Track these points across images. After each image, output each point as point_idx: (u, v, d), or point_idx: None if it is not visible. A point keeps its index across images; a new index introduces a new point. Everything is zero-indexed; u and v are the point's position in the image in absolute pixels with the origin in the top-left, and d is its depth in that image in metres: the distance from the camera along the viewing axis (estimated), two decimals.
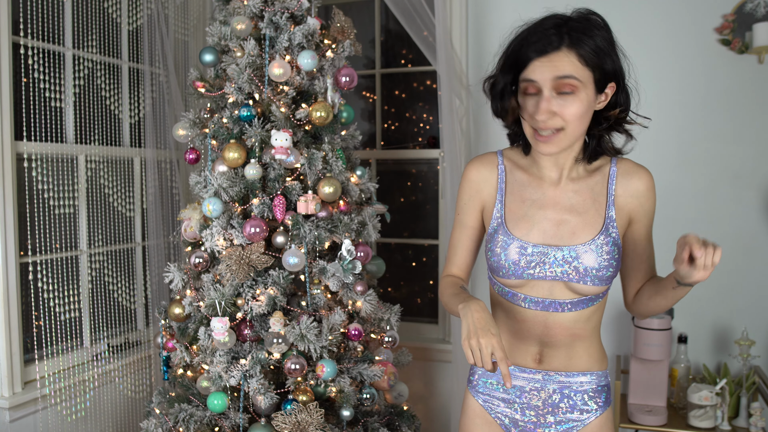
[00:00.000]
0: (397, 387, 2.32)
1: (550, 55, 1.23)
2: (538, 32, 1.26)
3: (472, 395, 1.50)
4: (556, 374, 1.40)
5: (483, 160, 1.47)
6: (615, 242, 1.34)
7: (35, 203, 2.36)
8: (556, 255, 1.33)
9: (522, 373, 1.42)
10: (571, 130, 1.27)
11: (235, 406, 2.06)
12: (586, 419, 1.41)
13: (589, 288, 1.33)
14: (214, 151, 2.23)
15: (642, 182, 1.39)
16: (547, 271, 1.34)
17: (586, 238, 1.33)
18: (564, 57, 1.23)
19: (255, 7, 2.15)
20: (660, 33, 2.63)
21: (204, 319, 2.12)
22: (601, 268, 1.32)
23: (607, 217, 1.35)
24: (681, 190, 2.65)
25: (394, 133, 3.43)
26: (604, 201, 1.37)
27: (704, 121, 2.60)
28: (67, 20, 2.49)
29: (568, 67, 1.23)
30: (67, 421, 2.43)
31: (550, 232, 1.35)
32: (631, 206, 1.38)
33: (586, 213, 1.35)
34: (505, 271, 1.36)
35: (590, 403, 1.41)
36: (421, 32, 2.74)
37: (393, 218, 2.45)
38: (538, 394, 1.42)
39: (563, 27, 1.25)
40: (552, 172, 1.39)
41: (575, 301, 1.35)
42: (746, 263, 2.58)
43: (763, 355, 2.56)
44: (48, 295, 2.38)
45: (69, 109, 2.51)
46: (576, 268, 1.32)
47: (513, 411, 1.44)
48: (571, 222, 1.35)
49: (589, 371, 1.42)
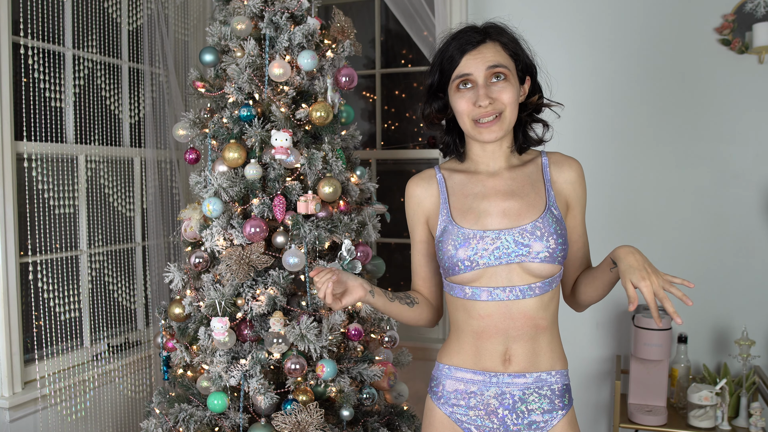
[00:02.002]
0: (397, 387, 2.32)
1: (478, 48, 1.37)
2: (460, 36, 1.40)
3: (436, 405, 1.49)
4: (523, 375, 1.42)
5: (420, 175, 1.56)
6: (559, 221, 1.40)
7: (35, 203, 2.36)
8: (507, 237, 1.37)
9: (491, 378, 1.43)
10: (508, 113, 1.38)
11: (235, 406, 2.06)
12: (553, 420, 1.42)
13: (544, 267, 1.37)
14: (214, 151, 2.23)
15: (573, 170, 1.47)
16: (501, 255, 1.37)
17: (532, 218, 1.39)
18: (490, 47, 1.38)
19: (255, 7, 2.15)
20: (660, 33, 2.63)
21: (204, 319, 2.12)
22: (551, 244, 1.36)
23: (548, 198, 1.43)
24: (681, 190, 2.65)
25: (394, 133, 3.43)
26: (542, 186, 1.45)
27: (704, 121, 2.60)
28: (67, 20, 2.49)
29: (496, 56, 1.37)
30: (67, 421, 2.43)
31: (497, 218, 1.40)
32: (567, 192, 1.46)
33: (527, 196, 1.42)
34: (460, 265, 1.38)
35: (556, 402, 1.43)
36: (421, 32, 2.74)
37: (393, 218, 2.45)
38: (506, 399, 1.42)
39: (480, 28, 1.41)
40: (489, 165, 1.48)
41: (533, 285, 1.38)
42: (746, 263, 2.58)
43: (763, 355, 2.56)
44: (48, 295, 2.38)
45: (69, 109, 2.51)
46: (528, 247, 1.36)
47: (481, 419, 1.43)
48: (514, 206, 1.41)
49: (553, 369, 1.44)
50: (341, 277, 1.40)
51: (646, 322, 2.37)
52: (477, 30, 1.40)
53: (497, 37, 1.40)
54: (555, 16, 2.76)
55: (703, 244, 2.63)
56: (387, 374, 2.20)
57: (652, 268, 1.25)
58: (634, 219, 2.70)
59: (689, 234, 2.64)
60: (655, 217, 2.68)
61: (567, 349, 2.68)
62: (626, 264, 1.26)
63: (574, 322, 2.77)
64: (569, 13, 2.74)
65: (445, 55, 1.41)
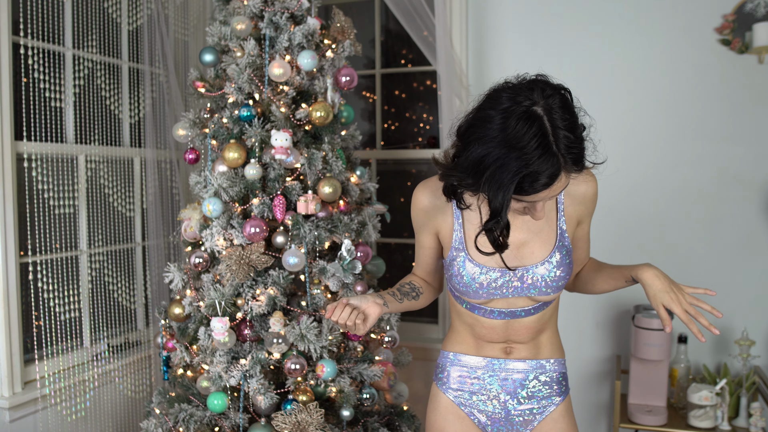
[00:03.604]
0: (397, 387, 2.32)
1: (551, 187, 1.17)
2: (530, 167, 1.12)
3: (441, 391, 1.55)
4: (524, 361, 1.49)
5: (432, 187, 1.45)
6: (568, 251, 1.41)
7: (35, 203, 2.36)
8: (518, 275, 1.39)
9: (493, 365, 1.49)
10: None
11: (235, 406, 2.06)
12: (550, 406, 1.50)
13: (549, 297, 1.42)
14: (214, 151, 2.23)
15: (589, 187, 1.43)
16: (510, 290, 1.40)
17: (543, 255, 1.39)
18: (563, 179, 1.18)
19: (255, 7, 2.15)
20: (660, 33, 2.63)
21: (204, 319, 2.12)
22: (559, 279, 1.39)
23: (559, 230, 1.41)
24: (681, 190, 2.65)
25: (394, 133, 3.43)
26: (554, 215, 1.42)
27: (704, 121, 2.60)
28: (67, 20, 2.49)
29: (565, 183, 1.20)
30: (67, 421, 2.43)
31: (512, 255, 1.39)
32: (579, 212, 1.44)
33: (541, 231, 1.41)
34: (471, 293, 1.42)
35: (554, 387, 1.51)
36: (421, 32, 2.74)
37: (393, 218, 2.45)
38: (508, 384, 1.49)
39: (553, 148, 1.13)
40: None
41: (536, 306, 1.44)
42: (746, 263, 2.58)
43: (763, 355, 2.56)
44: (48, 295, 2.38)
45: (69, 109, 2.51)
46: (536, 283, 1.39)
47: (484, 403, 1.50)
48: (529, 243, 1.40)
49: (552, 358, 1.51)
50: (352, 302, 1.38)
51: (646, 322, 2.37)
52: (550, 160, 1.13)
53: (571, 168, 1.17)
54: (553, 16, 2.75)
55: (703, 244, 2.63)
56: (387, 374, 2.20)
57: (677, 287, 1.31)
58: (634, 219, 2.70)
59: (689, 234, 2.64)
60: (655, 216, 2.68)
61: (567, 350, 2.69)
62: (654, 289, 1.30)
63: (574, 322, 2.77)
64: (567, 13, 2.73)
65: (504, 173, 1.14)
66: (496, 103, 1.17)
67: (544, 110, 1.14)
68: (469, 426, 1.51)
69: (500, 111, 1.15)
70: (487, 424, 1.51)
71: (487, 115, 1.17)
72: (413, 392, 2.91)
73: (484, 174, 1.15)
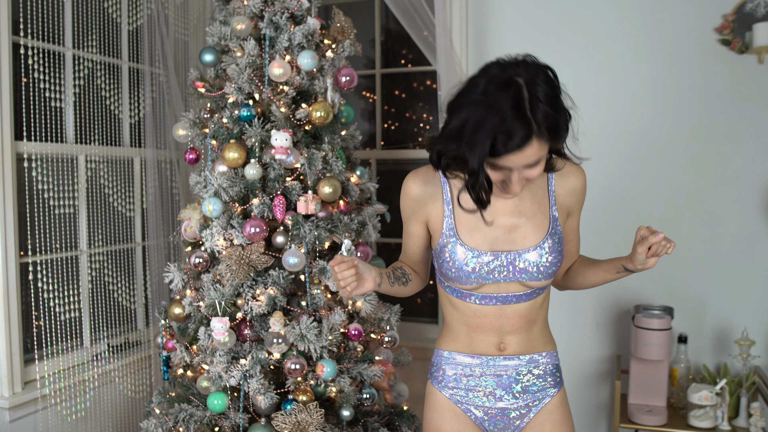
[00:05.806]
0: (397, 387, 2.32)
1: (523, 150, 1.21)
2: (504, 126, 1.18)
3: (437, 389, 1.55)
4: (517, 357, 1.49)
5: (422, 175, 1.48)
6: (560, 238, 1.44)
7: (35, 203, 2.36)
8: (510, 259, 1.40)
9: (487, 362, 1.50)
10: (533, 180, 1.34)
11: (235, 406, 2.06)
12: (545, 398, 1.51)
13: (541, 282, 1.43)
14: (214, 151, 2.23)
15: (578, 180, 1.47)
16: (502, 274, 1.41)
17: (536, 241, 1.41)
18: (535, 145, 1.21)
19: (255, 7, 2.15)
20: (660, 33, 2.63)
21: (204, 319, 2.12)
22: (551, 265, 1.42)
23: (551, 218, 1.44)
24: (681, 190, 2.65)
25: (394, 133, 3.43)
26: (547, 202, 1.45)
27: (704, 121, 2.60)
28: (67, 20, 2.49)
29: (538, 153, 1.23)
30: (67, 421, 2.43)
31: (503, 239, 1.41)
32: (569, 203, 1.48)
33: (534, 217, 1.42)
34: (463, 279, 1.42)
35: (548, 380, 1.52)
36: (421, 32, 2.74)
37: (393, 218, 2.45)
38: (502, 379, 1.50)
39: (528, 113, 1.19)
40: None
41: (528, 292, 1.45)
42: (746, 263, 2.58)
43: (763, 355, 2.56)
44: (48, 295, 2.38)
45: (69, 109, 2.51)
46: (528, 269, 1.41)
47: (480, 399, 1.51)
48: (521, 227, 1.42)
49: (544, 351, 1.53)
50: (360, 269, 1.39)
51: (647, 322, 2.38)
52: (523, 123, 1.18)
53: (544, 136, 1.21)
54: (553, 16, 2.75)
55: (703, 244, 2.63)
56: (387, 374, 2.20)
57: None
58: (634, 219, 2.70)
59: (689, 234, 2.64)
60: (654, 216, 2.68)
61: (567, 350, 2.69)
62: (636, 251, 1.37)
63: (575, 322, 2.77)
64: (568, 13, 2.74)
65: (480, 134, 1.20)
66: (483, 73, 1.26)
67: (526, 81, 1.21)
68: (466, 422, 1.51)
69: (486, 78, 1.24)
70: (484, 419, 1.52)
71: (474, 82, 1.26)
72: (413, 392, 2.91)
73: (465, 137, 1.22)
